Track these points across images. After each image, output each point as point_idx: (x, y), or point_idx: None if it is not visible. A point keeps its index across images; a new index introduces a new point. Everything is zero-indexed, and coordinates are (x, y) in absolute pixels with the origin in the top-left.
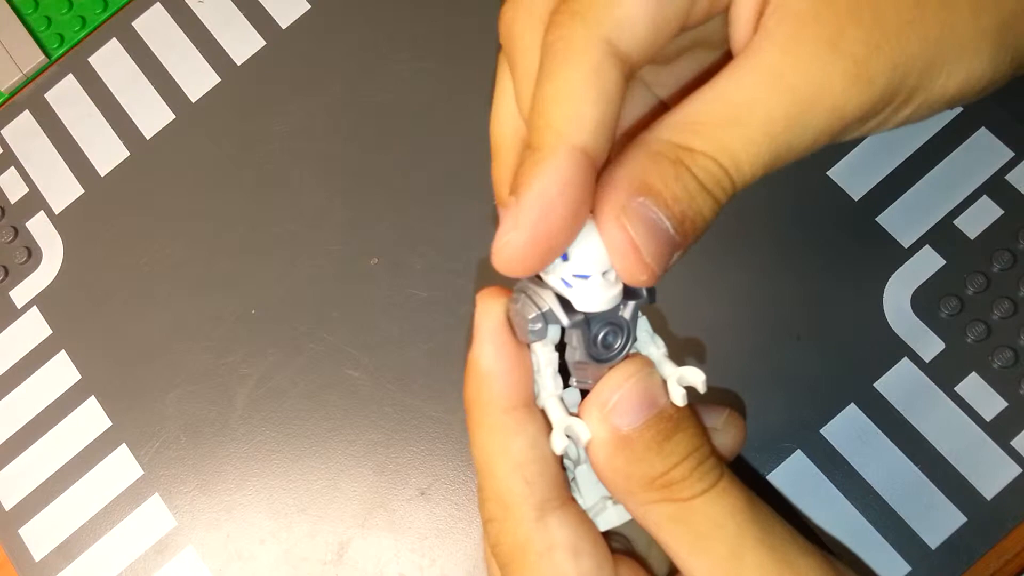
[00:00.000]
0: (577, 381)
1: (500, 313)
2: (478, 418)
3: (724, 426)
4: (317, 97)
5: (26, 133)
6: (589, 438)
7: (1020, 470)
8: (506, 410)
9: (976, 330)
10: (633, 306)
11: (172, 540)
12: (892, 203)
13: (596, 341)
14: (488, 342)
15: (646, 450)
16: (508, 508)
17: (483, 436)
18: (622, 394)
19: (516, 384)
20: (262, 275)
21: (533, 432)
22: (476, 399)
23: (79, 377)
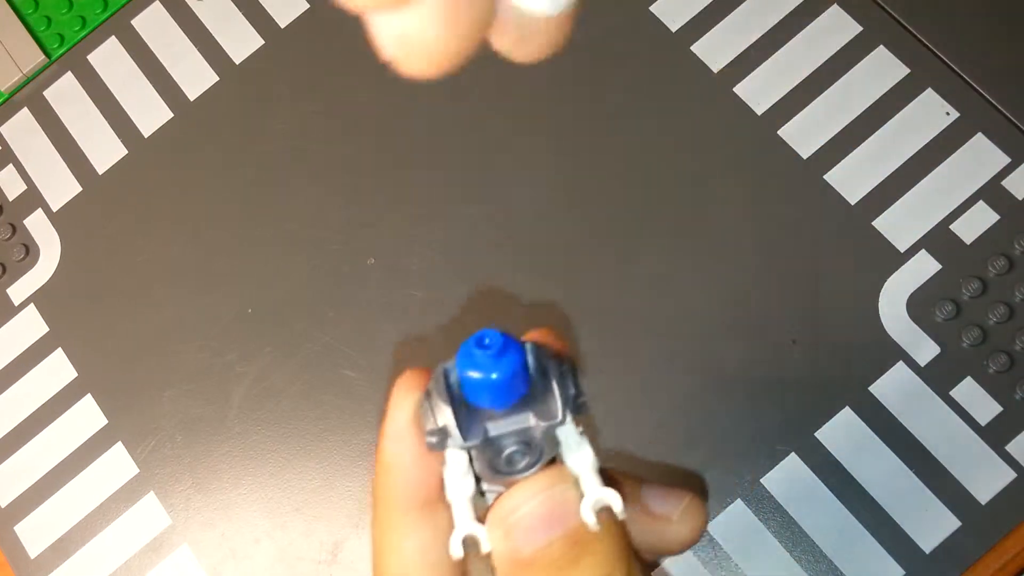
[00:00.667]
0: (487, 487)
1: (412, 405)
2: (375, 510)
3: (682, 516)
4: (315, 97)
5: (25, 131)
6: (489, 550)
7: (1015, 475)
8: (404, 510)
9: (972, 335)
10: (545, 427)
11: (167, 538)
12: (888, 207)
13: (500, 458)
14: (392, 437)
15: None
16: None
17: (377, 531)
18: (526, 511)
19: (417, 483)
20: (259, 274)
21: (427, 537)
22: (377, 492)
23: (75, 375)
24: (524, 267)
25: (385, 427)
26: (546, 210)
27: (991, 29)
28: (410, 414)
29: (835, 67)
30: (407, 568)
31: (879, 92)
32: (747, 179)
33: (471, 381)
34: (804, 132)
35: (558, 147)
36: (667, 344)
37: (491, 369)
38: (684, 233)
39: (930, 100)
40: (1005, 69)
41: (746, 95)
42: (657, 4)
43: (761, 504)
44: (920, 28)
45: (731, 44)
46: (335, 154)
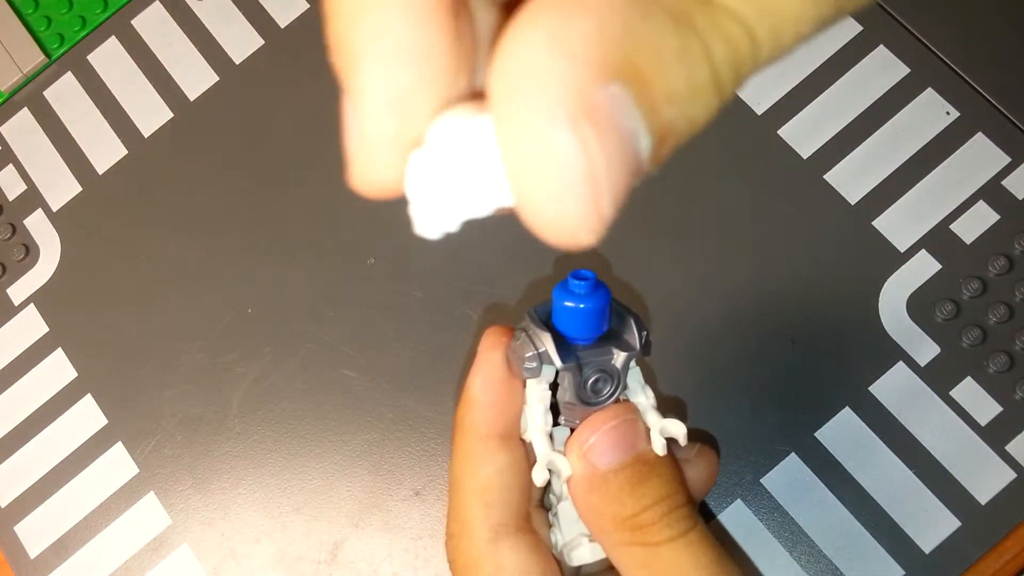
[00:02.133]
0: (565, 420)
1: (499, 349)
2: (457, 441)
3: (695, 459)
4: (315, 96)
5: (25, 130)
6: (569, 474)
7: (1015, 475)
8: (482, 438)
9: (972, 335)
10: (625, 357)
11: (167, 538)
12: (888, 207)
13: (586, 385)
14: (480, 373)
15: (619, 490)
16: (466, 527)
17: (457, 458)
18: (602, 434)
19: (497, 416)
20: (259, 274)
21: (503, 461)
22: (459, 423)
23: (75, 375)
24: (524, 267)
25: (473, 368)
26: None
27: (991, 29)
28: (497, 354)
29: (835, 67)
30: (483, 489)
31: (879, 92)
32: (747, 179)
33: (567, 311)
34: (804, 132)
35: None
36: (667, 344)
37: (586, 299)
38: (684, 233)
39: (930, 100)
40: (1005, 69)
41: (746, 95)
42: None
43: (761, 504)
44: (920, 28)
45: None
46: (335, 154)
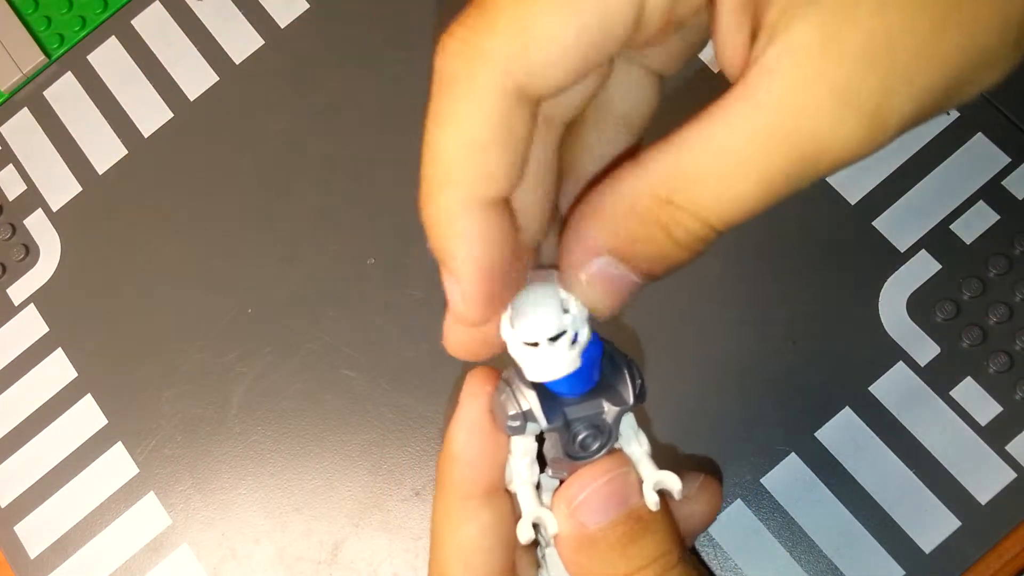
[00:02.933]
0: (553, 473)
1: (483, 399)
2: (439, 496)
3: (697, 493)
4: (315, 96)
5: (24, 130)
6: (556, 532)
7: (1015, 475)
8: (465, 496)
9: (972, 335)
10: (616, 412)
11: (167, 538)
12: (888, 207)
13: (575, 442)
14: (462, 426)
15: (610, 551)
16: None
17: (438, 514)
18: (592, 491)
19: (480, 472)
20: (259, 274)
21: (486, 520)
22: (441, 478)
23: (75, 375)
24: None
25: (455, 419)
26: None
27: None
28: (480, 406)
29: None
30: (465, 551)
31: None
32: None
33: None
34: None
35: None
36: (666, 344)
37: None
38: None
39: None
40: None
41: None
42: None
43: (761, 504)
44: None
45: None
46: (335, 154)
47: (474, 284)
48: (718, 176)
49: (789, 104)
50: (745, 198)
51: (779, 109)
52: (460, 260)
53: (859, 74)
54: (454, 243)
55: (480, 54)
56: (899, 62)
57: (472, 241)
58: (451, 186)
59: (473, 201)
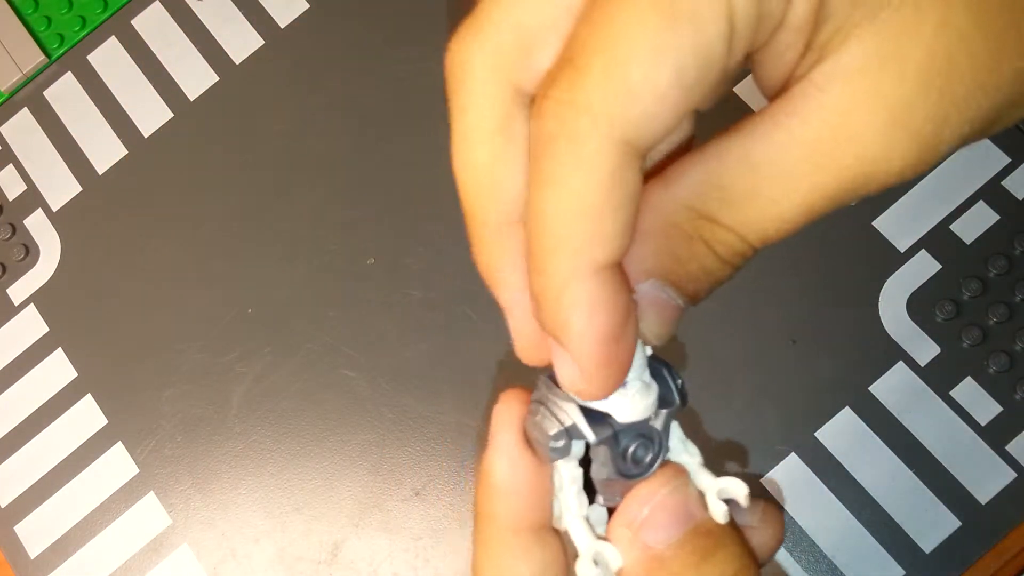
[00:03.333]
0: (604, 499)
1: (519, 422)
2: (484, 535)
3: (761, 523)
4: (315, 96)
5: (24, 130)
6: (620, 565)
7: (1015, 475)
8: (516, 532)
9: (972, 335)
10: (665, 415)
11: (167, 538)
12: (889, 207)
13: (625, 456)
14: (503, 456)
15: (683, 570)
16: None
17: (486, 556)
18: (653, 506)
19: (530, 504)
20: (259, 274)
21: (542, 559)
22: (485, 514)
23: (75, 375)
24: None
25: (492, 448)
26: None
27: None
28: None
29: None
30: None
31: None
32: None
33: None
34: None
35: None
36: (666, 344)
37: None
38: None
39: None
40: None
41: (745, 92)
42: None
43: None
44: None
45: None
46: (335, 154)
47: (594, 357)
48: (761, 194)
49: (840, 123)
50: (787, 218)
51: (830, 128)
52: (577, 333)
53: (916, 97)
54: (570, 315)
55: (581, 112)
56: (956, 87)
57: (591, 311)
58: (564, 254)
59: (589, 268)
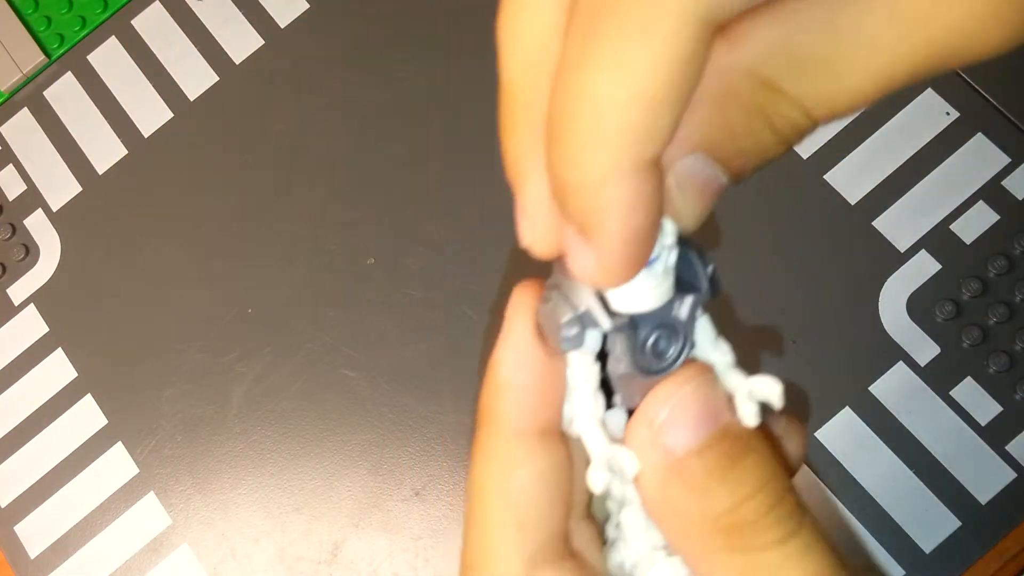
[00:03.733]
0: (622, 399)
1: (533, 313)
2: (484, 436)
3: (784, 433)
4: (315, 96)
5: (24, 130)
6: (637, 469)
7: (1015, 475)
8: (517, 434)
9: (972, 335)
10: (690, 303)
11: (167, 538)
12: (888, 207)
13: (645, 348)
14: (510, 349)
15: (707, 477)
16: (492, 555)
17: (483, 459)
18: (675, 405)
19: (536, 403)
20: (259, 274)
21: (544, 465)
22: (488, 414)
23: (75, 375)
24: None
25: (501, 341)
26: None
27: None
28: (530, 322)
29: None
30: (518, 503)
31: None
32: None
33: None
34: None
35: None
36: None
37: None
38: None
39: (930, 100)
40: (1005, 69)
41: None
42: None
43: None
44: None
45: None
46: (335, 154)
47: (621, 254)
48: (839, 63)
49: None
50: (861, 90)
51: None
52: (608, 231)
53: None
54: (605, 213)
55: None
56: None
57: (629, 210)
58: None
59: (633, 164)
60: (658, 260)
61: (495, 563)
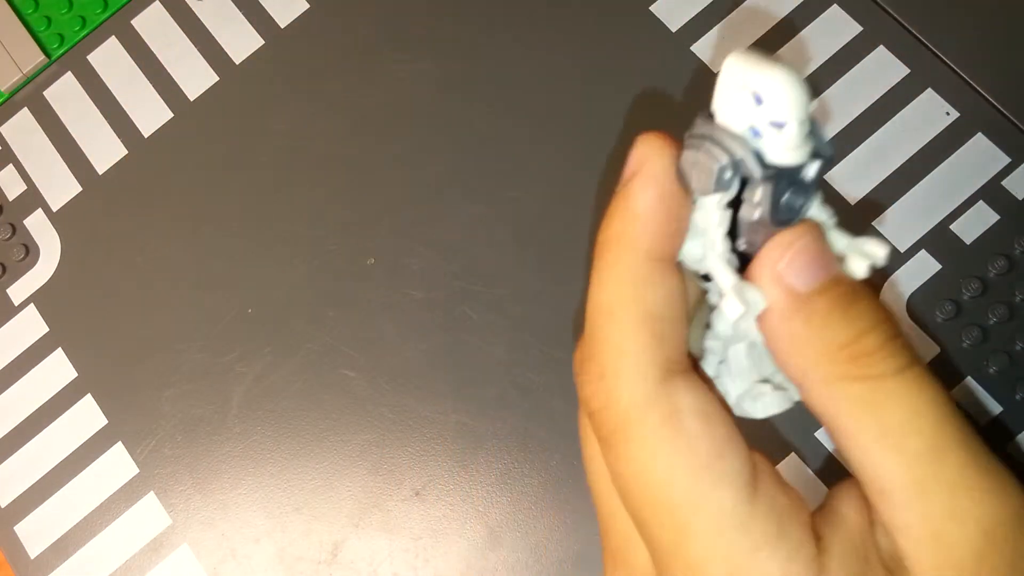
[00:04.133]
0: (747, 243)
1: (669, 157)
2: (614, 258)
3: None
4: (315, 96)
5: (24, 130)
6: (763, 306)
7: None
8: (652, 257)
9: (972, 335)
10: (818, 166)
11: (167, 538)
12: (888, 207)
13: (779, 200)
14: (650, 183)
15: (829, 312)
16: (627, 363)
17: (615, 278)
18: (795, 252)
19: (668, 235)
20: (259, 274)
21: (673, 287)
22: (618, 238)
23: (75, 375)
24: (525, 267)
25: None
26: (547, 209)
27: (991, 29)
28: (667, 163)
29: (835, 67)
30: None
31: (879, 92)
32: None
33: None
34: None
35: (559, 146)
36: None
37: None
38: None
39: (930, 100)
40: (1005, 69)
41: None
42: (657, 4)
43: None
44: (920, 28)
45: (731, 44)
46: (335, 154)
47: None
48: None
49: None
50: None
51: None
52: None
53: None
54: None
55: None
56: None
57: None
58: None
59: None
60: (804, 124)
61: (632, 370)
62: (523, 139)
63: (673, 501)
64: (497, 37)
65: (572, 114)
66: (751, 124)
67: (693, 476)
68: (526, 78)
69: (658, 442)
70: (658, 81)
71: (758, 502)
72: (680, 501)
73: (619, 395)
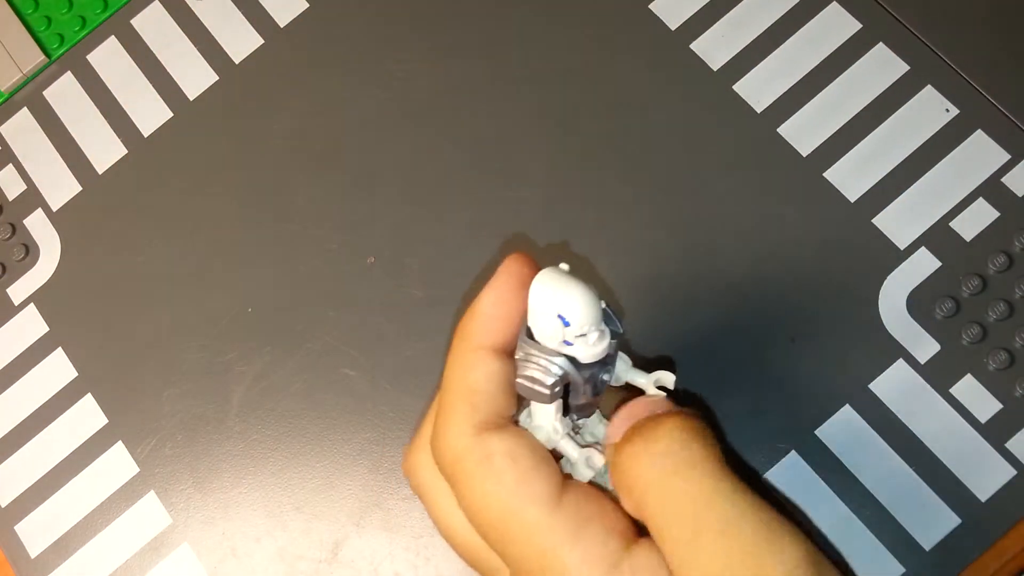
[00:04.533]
0: (576, 414)
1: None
2: (456, 346)
3: None
4: (315, 96)
5: (24, 130)
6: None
7: (1015, 472)
8: (478, 347)
9: (971, 332)
10: (615, 344)
11: (167, 538)
12: (888, 204)
13: (595, 382)
14: (495, 291)
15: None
16: (451, 424)
17: (451, 363)
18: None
19: (499, 329)
20: (259, 273)
21: (494, 368)
22: (460, 333)
23: (75, 375)
24: None
25: (490, 286)
26: (547, 210)
27: (991, 26)
28: (514, 282)
29: (835, 64)
30: (472, 391)
31: (878, 89)
32: (747, 177)
33: None
34: (804, 130)
35: (559, 147)
36: (667, 342)
37: None
38: (683, 231)
39: (929, 97)
40: (1005, 66)
41: (746, 93)
42: (656, 2)
43: None
44: (919, 25)
45: (730, 42)
46: (335, 154)
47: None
48: None
49: None
50: None
51: None
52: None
53: None
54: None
55: None
56: None
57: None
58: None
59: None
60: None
61: (454, 429)
62: (523, 139)
63: (497, 519)
64: (496, 37)
65: (572, 114)
66: (563, 338)
67: (505, 499)
68: (526, 78)
69: (478, 478)
70: (657, 79)
71: (559, 513)
72: (500, 518)
73: (445, 450)
